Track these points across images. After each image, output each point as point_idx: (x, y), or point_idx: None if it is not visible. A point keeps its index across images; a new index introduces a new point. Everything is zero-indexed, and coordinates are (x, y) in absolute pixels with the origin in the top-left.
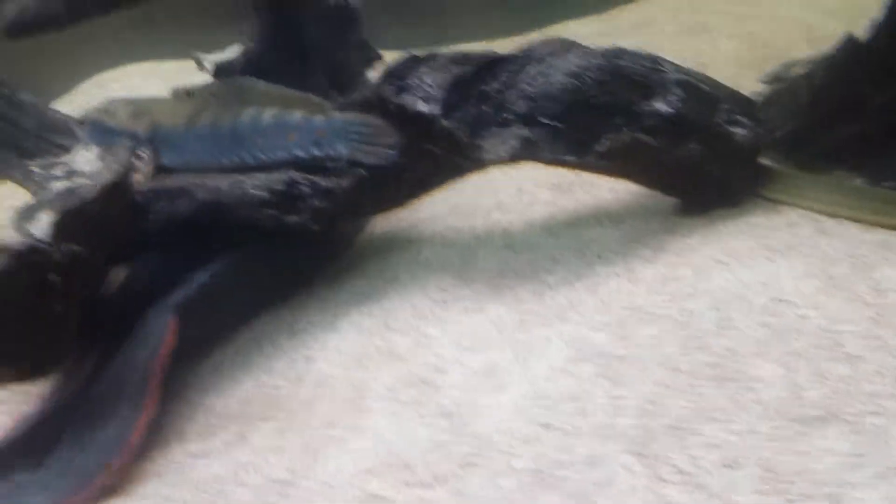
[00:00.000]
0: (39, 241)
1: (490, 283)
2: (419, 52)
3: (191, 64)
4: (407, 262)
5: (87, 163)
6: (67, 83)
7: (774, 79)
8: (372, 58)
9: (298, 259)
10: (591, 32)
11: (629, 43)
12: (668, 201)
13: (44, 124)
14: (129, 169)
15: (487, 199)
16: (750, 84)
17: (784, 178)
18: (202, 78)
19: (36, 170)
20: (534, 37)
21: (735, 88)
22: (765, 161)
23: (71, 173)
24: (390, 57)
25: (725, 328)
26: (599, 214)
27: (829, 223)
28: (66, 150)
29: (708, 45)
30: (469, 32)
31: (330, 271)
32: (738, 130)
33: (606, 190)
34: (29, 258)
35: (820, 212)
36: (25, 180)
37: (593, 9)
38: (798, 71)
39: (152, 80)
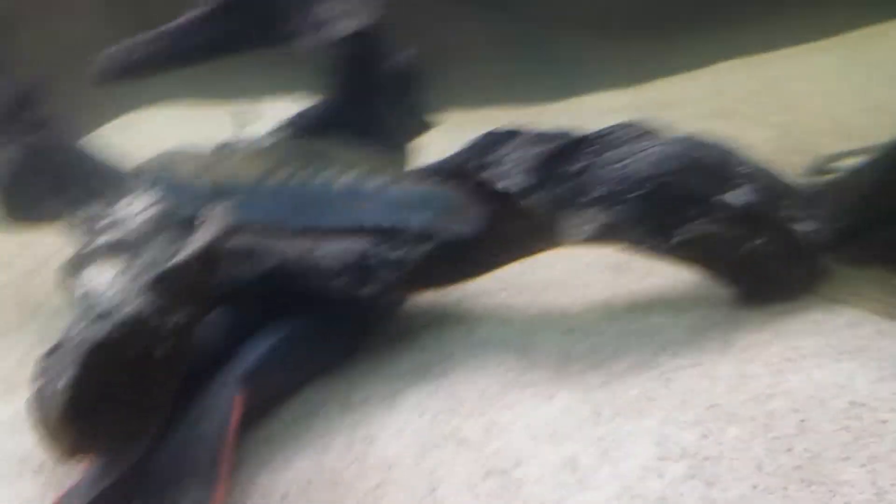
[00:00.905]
0: (145, 308)
1: (555, 369)
2: (502, 128)
3: (216, 110)
4: (462, 337)
5: (136, 215)
6: (87, 127)
7: (816, 172)
8: (425, 124)
9: (351, 326)
10: (620, 107)
11: (661, 123)
12: (726, 291)
13: (92, 171)
14: (227, 231)
15: (540, 275)
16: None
17: (838, 275)
18: (238, 127)
19: (83, 219)
20: (558, 107)
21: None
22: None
23: (117, 224)
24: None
25: (807, 430)
26: (660, 301)
27: (885, 324)
28: (114, 200)
29: (736, 132)
30: (493, 98)
31: (380, 340)
32: (802, 227)
33: (662, 276)
34: (136, 327)
35: (874, 312)
36: (71, 228)
37: (619, 83)
38: (840, 165)
39: (178, 125)
